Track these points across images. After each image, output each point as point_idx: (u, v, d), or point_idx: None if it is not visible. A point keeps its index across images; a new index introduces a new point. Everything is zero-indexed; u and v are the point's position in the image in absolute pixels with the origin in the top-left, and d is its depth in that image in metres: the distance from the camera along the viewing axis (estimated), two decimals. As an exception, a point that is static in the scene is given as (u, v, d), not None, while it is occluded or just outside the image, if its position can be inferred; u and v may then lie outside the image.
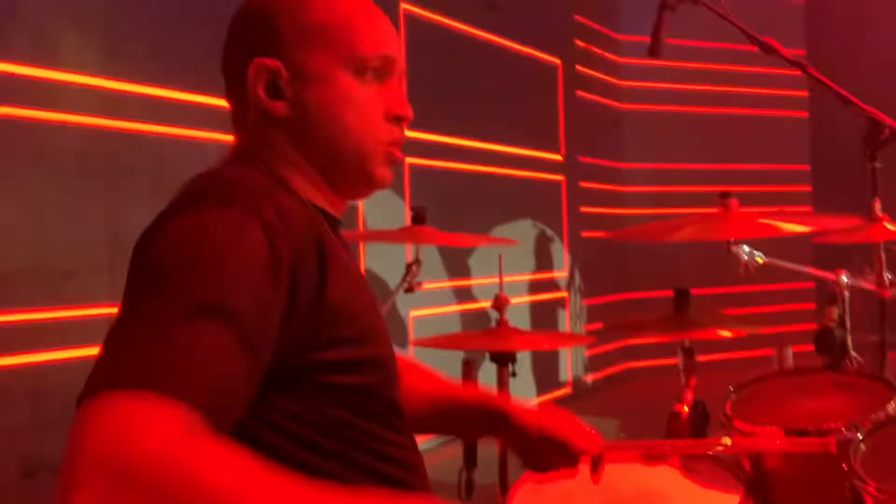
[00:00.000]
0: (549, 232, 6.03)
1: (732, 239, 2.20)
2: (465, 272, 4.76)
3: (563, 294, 6.20)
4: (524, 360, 4.89)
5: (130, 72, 3.26)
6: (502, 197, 5.47)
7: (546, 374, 5.79)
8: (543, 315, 5.86)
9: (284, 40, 1.14)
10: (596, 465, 1.46)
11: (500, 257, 2.41)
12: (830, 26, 7.05)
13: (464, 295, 4.94)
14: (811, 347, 2.05)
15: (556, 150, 6.19)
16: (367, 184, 1.23)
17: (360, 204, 4.12)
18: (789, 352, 2.17)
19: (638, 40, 5.81)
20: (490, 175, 5.38)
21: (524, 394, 4.63)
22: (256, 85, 1.14)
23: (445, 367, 1.61)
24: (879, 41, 6.78)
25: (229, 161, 1.18)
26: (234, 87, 1.18)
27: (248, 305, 0.93)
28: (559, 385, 6.03)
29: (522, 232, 5.63)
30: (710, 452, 1.65)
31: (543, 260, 6.01)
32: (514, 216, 5.54)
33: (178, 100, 3.43)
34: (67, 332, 2.97)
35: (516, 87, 5.70)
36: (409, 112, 1.22)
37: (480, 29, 5.36)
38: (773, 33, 2.00)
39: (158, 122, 3.35)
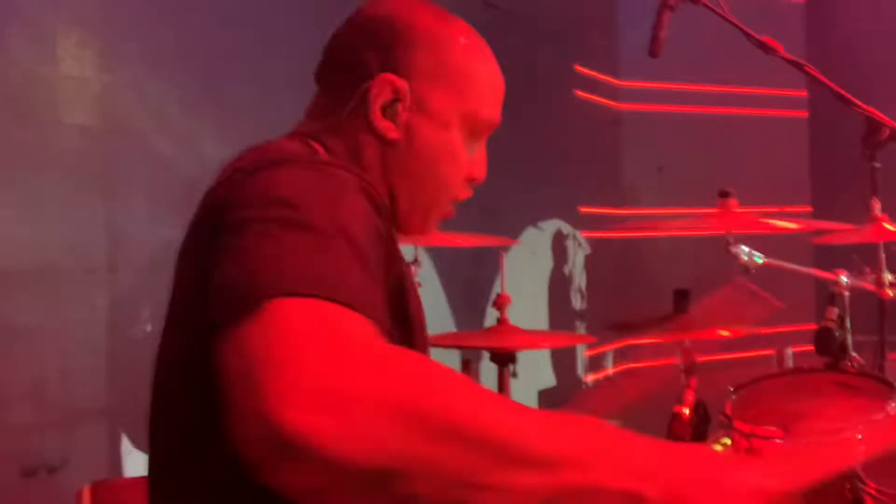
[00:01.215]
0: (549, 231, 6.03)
1: (732, 238, 2.20)
2: (464, 272, 4.76)
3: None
4: (532, 358, 4.90)
5: (129, 72, 3.26)
6: (502, 197, 5.48)
7: (546, 373, 5.79)
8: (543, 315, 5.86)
9: (420, 67, 1.12)
10: None
11: (500, 257, 2.41)
12: (831, 26, 7.05)
13: (463, 295, 4.94)
14: (811, 347, 2.04)
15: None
16: (415, 229, 1.22)
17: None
18: (789, 352, 2.16)
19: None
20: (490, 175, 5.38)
21: (524, 394, 4.62)
22: (377, 99, 1.11)
23: (445, 367, 1.61)
24: (880, 41, 6.77)
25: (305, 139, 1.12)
26: (337, 81, 1.15)
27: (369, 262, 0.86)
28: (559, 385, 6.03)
29: (522, 232, 5.63)
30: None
31: (543, 260, 6.01)
32: (514, 216, 5.54)
33: (176, 100, 3.43)
34: (67, 332, 2.97)
35: (517, 85, 5.70)
36: (484, 176, 1.23)
37: (480, 28, 5.36)
38: (773, 34, 2.00)
39: (158, 121, 3.35)
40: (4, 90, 2.90)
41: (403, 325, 1.06)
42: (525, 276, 5.68)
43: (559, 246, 6.18)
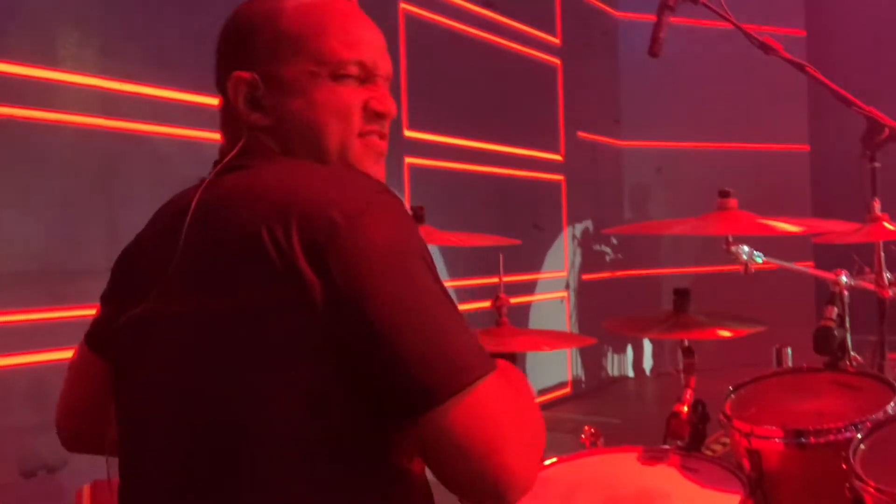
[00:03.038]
0: (549, 232, 6.04)
1: (731, 238, 2.20)
2: (464, 272, 4.76)
3: (563, 294, 6.20)
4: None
5: (129, 71, 3.26)
6: (502, 197, 5.48)
7: (546, 373, 5.80)
8: (543, 315, 5.86)
9: (259, 52, 1.18)
10: None
11: (500, 257, 2.41)
12: (831, 26, 7.05)
13: (463, 295, 4.95)
14: (811, 347, 2.04)
15: (556, 151, 6.19)
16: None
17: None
18: (789, 352, 2.16)
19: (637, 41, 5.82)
20: (490, 175, 5.38)
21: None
22: (237, 97, 1.17)
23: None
24: (880, 41, 6.78)
25: (266, 157, 1.18)
26: (223, 98, 1.22)
27: None
28: (559, 385, 6.03)
29: (522, 232, 5.63)
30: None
31: (543, 260, 6.01)
32: (515, 216, 5.54)
33: (176, 99, 3.43)
34: (67, 332, 2.97)
35: (516, 87, 5.70)
36: (391, 107, 1.22)
37: (481, 29, 5.37)
38: (772, 33, 2.00)
39: (157, 121, 3.36)
40: (4, 90, 2.90)
41: None
42: (525, 276, 5.67)
43: (558, 246, 6.18)
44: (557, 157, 6.20)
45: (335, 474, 1.03)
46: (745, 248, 2.17)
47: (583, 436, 1.98)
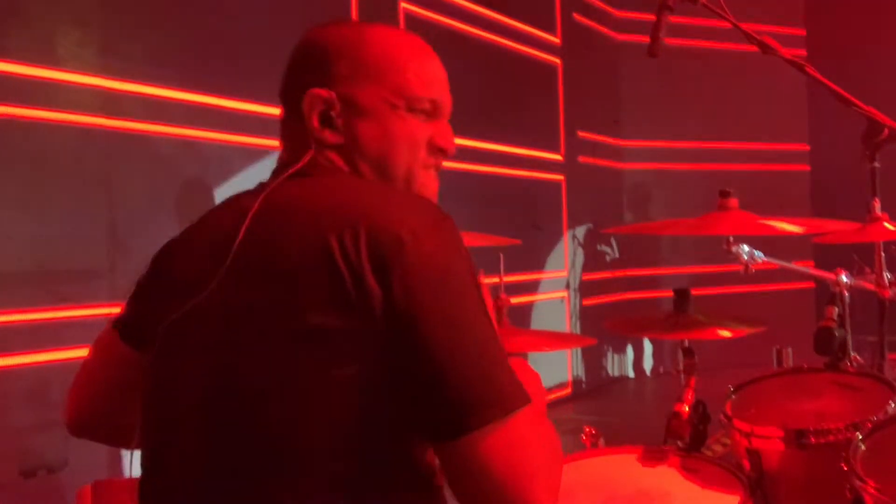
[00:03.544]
0: (549, 232, 6.04)
1: (731, 238, 2.20)
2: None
3: (563, 294, 6.20)
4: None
5: (129, 71, 3.26)
6: (502, 197, 5.48)
7: (546, 373, 5.79)
8: (544, 315, 5.86)
9: (339, 74, 1.23)
10: None
11: (500, 257, 2.41)
12: (831, 26, 7.05)
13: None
14: (811, 347, 2.04)
15: (556, 151, 6.19)
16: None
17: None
18: (789, 352, 2.16)
19: (637, 41, 5.82)
20: (490, 175, 5.38)
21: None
22: (311, 114, 1.22)
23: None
24: (880, 40, 6.78)
25: (332, 172, 1.23)
26: (291, 112, 1.26)
27: None
28: (559, 385, 6.03)
29: (523, 232, 5.63)
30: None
31: (543, 260, 6.01)
32: (515, 216, 5.54)
33: (176, 99, 3.43)
34: (67, 332, 2.97)
35: (516, 86, 5.70)
36: (452, 147, 1.29)
37: (481, 29, 5.37)
38: (772, 33, 2.00)
39: (157, 121, 3.36)
40: (5, 90, 2.90)
41: None
42: (525, 276, 5.68)
43: (558, 246, 6.18)
44: (557, 157, 6.20)
45: (364, 481, 1.06)
46: (745, 248, 2.17)
47: (583, 436, 1.99)
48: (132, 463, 1.23)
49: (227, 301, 1.11)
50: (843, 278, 2.11)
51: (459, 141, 1.32)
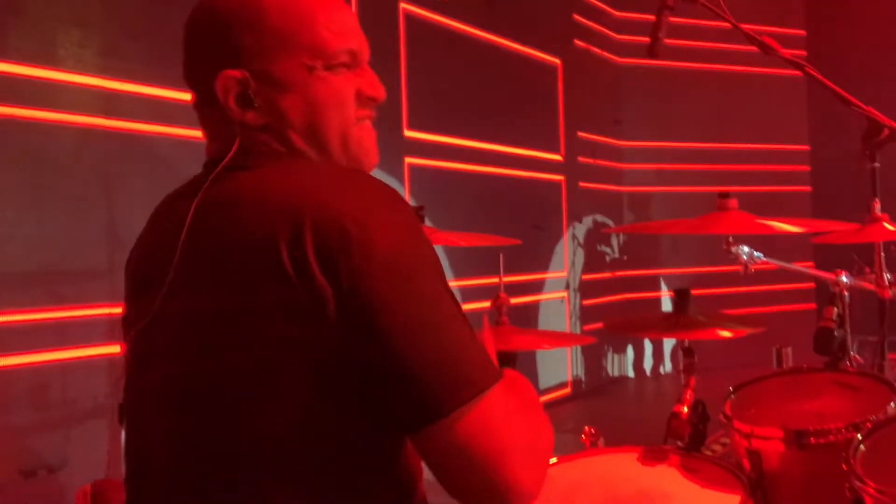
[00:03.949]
0: (550, 232, 6.03)
1: (731, 238, 2.20)
2: (464, 272, 4.76)
3: (563, 294, 6.20)
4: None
5: (129, 71, 3.26)
6: (502, 197, 5.48)
7: (546, 373, 5.79)
8: (544, 315, 5.86)
9: (247, 49, 1.14)
10: None
11: (500, 257, 2.41)
12: (831, 26, 7.05)
13: (463, 295, 4.95)
14: (811, 347, 2.04)
15: (556, 151, 6.19)
16: (355, 162, 1.22)
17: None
18: (789, 352, 2.16)
19: (637, 41, 5.83)
20: (490, 175, 5.38)
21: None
22: (228, 98, 1.14)
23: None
24: (880, 41, 6.77)
25: (268, 157, 1.16)
26: (205, 99, 1.19)
27: None
28: (560, 385, 6.03)
29: (523, 232, 5.63)
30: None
31: (543, 260, 6.01)
32: (515, 216, 5.54)
33: (176, 99, 3.43)
34: (67, 332, 2.97)
35: (517, 86, 5.70)
36: (381, 92, 1.21)
37: (480, 29, 5.36)
38: (772, 33, 2.00)
39: (157, 121, 3.36)
40: (4, 90, 2.90)
41: None
42: (526, 276, 5.67)
43: (558, 246, 6.17)
44: (558, 157, 6.20)
45: (333, 480, 1.03)
46: (745, 249, 2.17)
47: (583, 436, 1.98)
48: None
49: (178, 311, 1.08)
50: (843, 278, 2.11)
51: (459, 141, 1.28)
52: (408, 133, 4.74)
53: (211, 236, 1.08)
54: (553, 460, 1.89)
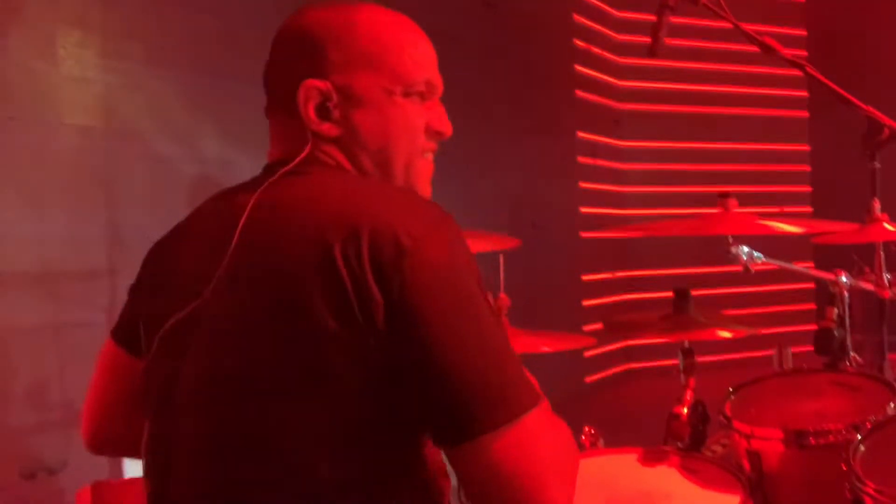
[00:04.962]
0: (550, 231, 6.03)
1: (731, 238, 2.20)
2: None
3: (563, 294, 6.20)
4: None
5: (129, 71, 3.26)
6: (503, 197, 5.48)
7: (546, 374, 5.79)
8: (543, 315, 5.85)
9: (332, 62, 1.18)
10: None
11: (500, 257, 2.41)
12: (831, 26, 7.05)
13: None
14: (811, 347, 2.04)
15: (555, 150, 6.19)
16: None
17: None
18: (789, 352, 2.16)
19: (637, 41, 5.82)
20: (490, 175, 5.38)
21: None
22: (307, 106, 1.18)
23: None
24: (880, 41, 6.77)
25: (330, 168, 1.20)
26: (281, 105, 1.22)
27: None
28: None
29: (523, 231, 5.62)
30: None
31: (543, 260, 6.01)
32: (515, 215, 5.54)
33: (177, 100, 3.43)
34: (67, 332, 2.97)
35: (517, 86, 5.70)
36: (449, 129, 1.26)
37: (480, 29, 5.36)
38: (772, 33, 2.00)
39: (157, 121, 3.36)
40: (4, 90, 2.90)
41: None
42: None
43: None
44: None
45: (366, 485, 1.05)
46: (745, 249, 2.17)
47: (583, 436, 1.98)
48: (132, 464, 1.23)
49: (225, 305, 1.10)
50: (843, 279, 2.11)
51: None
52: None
53: (265, 236, 1.10)
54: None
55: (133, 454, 1.30)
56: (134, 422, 1.24)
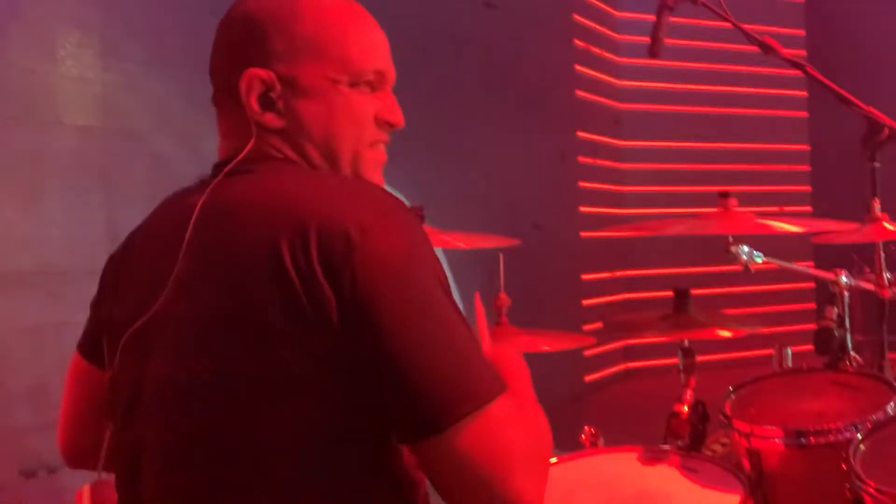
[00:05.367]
0: (550, 231, 6.03)
1: (731, 238, 2.20)
2: (464, 272, 4.75)
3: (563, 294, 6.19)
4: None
5: (129, 71, 3.26)
6: (503, 197, 5.48)
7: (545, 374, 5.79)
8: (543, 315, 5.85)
9: (276, 52, 1.15)
10: None
11: (500, 257, 2.41)
12: (831, 26, 7.05)
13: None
14: (811, 347, 2.04)
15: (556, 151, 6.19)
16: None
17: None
18: (789, 352, 2.16)
19: (637, 41, 5.83)
20: (491, 175, 5.38)
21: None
22: (250, 96, 1.15)
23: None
24: (880, 41, 6.78)
25: (276, 162, 1.17)
26: (224, 95, 1.19)
27: None
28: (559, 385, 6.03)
29: (523, 231, 5.63)
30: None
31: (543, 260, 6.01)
32: (515, 215, 5.54)
33: (176, 99, 3.43)
34: (67, 332, 2.97)
35: (518, 86, 5.70)
36: (400, 119, 1.22)
37: (480, 29, 5.36)
38: (772, 33, 2.00)
39: (157, 121, 3.36)
40: (4, 90, 2.90)
41: None
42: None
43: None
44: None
45: (332, 485, 1.03)
46: (745, 248, 2.17)
47: (583, 436, 1.98)
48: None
49: (181, 310, 1.08)
50: (843, 278, 2.11)
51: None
52: (408, 133, 4.73)
53: (215, 237, 1.08)
54: (553, 460, 1.89)
55: (109, 468, 1.29)
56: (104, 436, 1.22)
